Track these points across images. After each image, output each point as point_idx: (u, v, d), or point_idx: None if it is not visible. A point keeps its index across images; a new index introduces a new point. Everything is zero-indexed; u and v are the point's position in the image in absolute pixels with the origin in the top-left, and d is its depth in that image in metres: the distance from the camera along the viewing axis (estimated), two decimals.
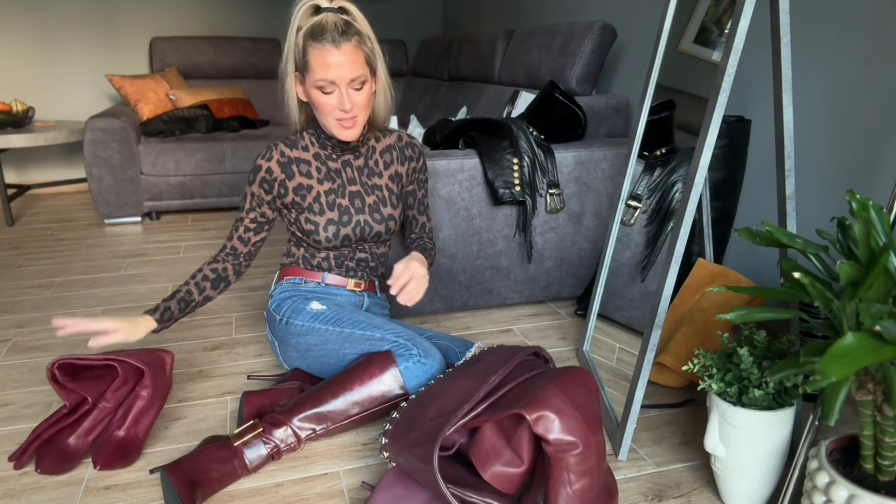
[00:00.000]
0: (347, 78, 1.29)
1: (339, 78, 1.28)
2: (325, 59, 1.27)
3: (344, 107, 1.31)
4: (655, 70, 1.50)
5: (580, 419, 0.99)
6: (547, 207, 1.91)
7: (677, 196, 1.35)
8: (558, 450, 0.97)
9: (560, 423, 0.97)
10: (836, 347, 0.70)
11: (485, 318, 1.98)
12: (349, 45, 1.27)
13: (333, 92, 1.31)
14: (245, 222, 1.46)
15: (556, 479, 0.98)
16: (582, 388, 1.04)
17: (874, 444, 0.88)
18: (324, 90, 1.30)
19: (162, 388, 1.32)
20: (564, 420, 0.97)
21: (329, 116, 1.34)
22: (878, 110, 1.52)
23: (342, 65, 1.27)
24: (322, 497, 1.17)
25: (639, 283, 1.47)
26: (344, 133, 1.36)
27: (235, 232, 1.47)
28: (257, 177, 1.41)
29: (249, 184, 1.43)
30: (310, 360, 1.45)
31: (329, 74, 1.27)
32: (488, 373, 1.14)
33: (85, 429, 1.28)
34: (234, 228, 1.48)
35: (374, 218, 1.48)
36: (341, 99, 1.30)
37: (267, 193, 1.42)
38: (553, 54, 2.47)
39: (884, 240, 0.82)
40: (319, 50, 1.27)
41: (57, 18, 3.67)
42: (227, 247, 1.48)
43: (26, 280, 2.33)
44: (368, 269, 1.55)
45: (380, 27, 4.35)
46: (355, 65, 1.29)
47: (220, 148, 3.22)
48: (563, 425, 0.97)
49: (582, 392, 1.04)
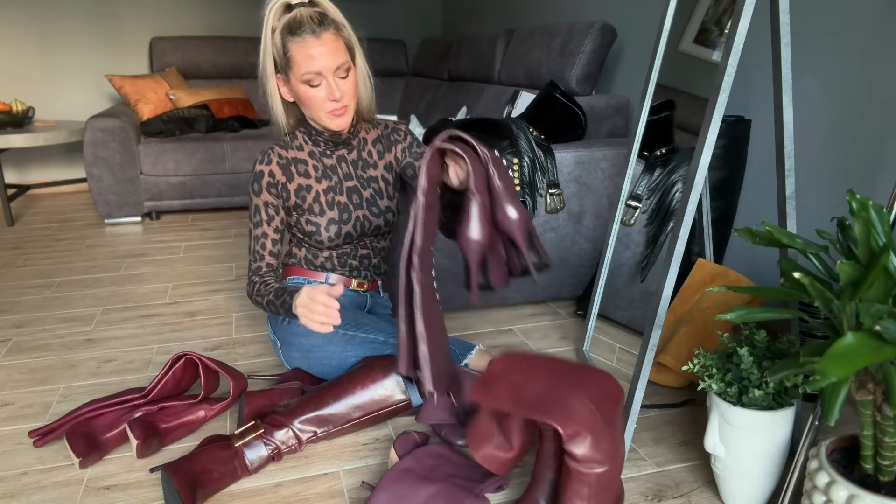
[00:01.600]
0: (333, 66, 1.29)
1: (324, 68, 1.28)
2: (308, 51, 1.27)
3: (334, 96, 1.31)
4: (655, 70, 1.50)
5: (610, 438, 0.96)
6: (547, 207, 1.91)
7: (677, 196, 1.35)
8: (584, 466, 0.95)
9: (592, 441, 0.94)
10: (836, 347, 0.70)
11: (485, 318, 1.98)
12: (328, 34, 1.28)
13: (321, 84, 1.31)
14: (270, 235, 1.40)
15: (574, 493, 0.96)
16: (612, 402, 1.01)
17: (874, 444, 0.88)
18: (311, 83, 1.30)
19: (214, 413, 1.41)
20: (596, 438, 0.95)
21: (320, 110, 1.34)
22: (878, 110, 1.52)
23: (325, 54, 1.28)
24: (322, 497, 1.17)
25: (639, 283, 1.47)
26: (336, 122, 1.35)
27: (262, 249, 1.40)
28: (263, 183, 1.39)
29: (256, 194, 1.39)
30: (312, 361, 1.45)
31: (314, 66, 1.28)
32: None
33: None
34: (260, 246, 1.39)
35: (372, 212, 1.48)
36: (330, 89, 1.31)
37: (276, 198, 1.41)
38: (553, 54, 2.47)
39: (884, 240, 0.82)
40: (300, 43, 1.27)
41: (57, 18, 3.67)
42: (261, 268, 1.40)
43: (26, 280, 2.33)
44: (371, 267, 1.55)
45: (380, 27, 4.35)
46: (338, 52, 1.29)
47: (220, 148, 3.22)
48: (594, 443, 0.94)
49: (612, 406, 1.00)
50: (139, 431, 1.25)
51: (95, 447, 1.26)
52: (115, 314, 2.02)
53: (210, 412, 1.37)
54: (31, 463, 1.27)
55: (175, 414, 1.34)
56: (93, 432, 1.29)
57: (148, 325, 1.93)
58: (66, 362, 1.70)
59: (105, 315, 2.01)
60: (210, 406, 1.37)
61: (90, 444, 1.26)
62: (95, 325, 1.93)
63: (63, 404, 1.49)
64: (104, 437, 1.29)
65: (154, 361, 1.70)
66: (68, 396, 1.52)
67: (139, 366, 1.67)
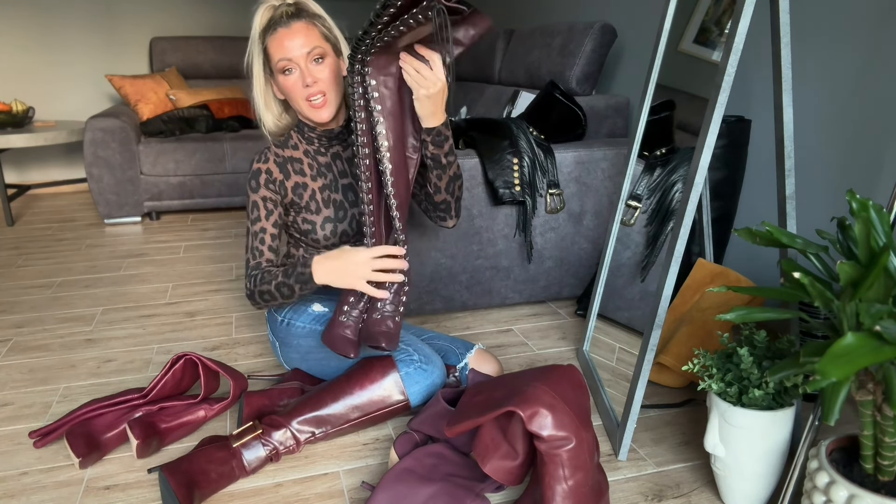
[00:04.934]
0: (303, 51, 1.30)
1: (295, 54, 1.30)
2: (280, 41, 1.30)
3: (306, 81, 1.31)
4: (655, 70, 1.50)
5: (571, 414, 1.00)
6: (547, 207, 1.91)
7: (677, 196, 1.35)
8: (552, 446, 0.97)
9: (553, 419, 0.97)
10: (836, 347, 0.70)
11: (485, 318, 1.98)
12: (299, 23, 1.31)
13: (294, 71, 1.32)
14: (269, 230, 1.38)
15: (552, 476, 0.98)
16: (568, 384, 1.06)
17: (874, 444, 0.88)
18: (285, 70, 1.32)
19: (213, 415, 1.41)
20: (556, 416, 0.98)
21: (298, 99, 1.34)
22: (878, 110, 1.52)
23: (295, 41, 1.30)
24: (322, 497, 1.17)
25: (639, 283, 1.47)
26: (317, 113, 1.35)
27: (262, 244, 1.37)
28: (260, 179, 1.39)
29: (254, 190, 1.39)
30: (310, 363, 1.45)
31: (285, 52, 1.30)
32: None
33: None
34: (259, 241, 1.37)
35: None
36: (303, 75, 1.31)
37: (275, 194, 1.41)
38: (553, 54, 2.47)
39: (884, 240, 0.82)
40: (273, 36, 1.31)
41: (57, 18, 3.67)
42: (261, 264, 1.37)
43: (26, 280, 2.33)
44: None
45: None
46: (309, 38, 1.31)
47: (220, 148, 3.22)
48: (556, 421, 0.97)
49: (568, 387, 1.05)
50: (139, 431, 1.25)
51: (95, 447, 1.26)
52: (115, 314, 2.02)
53: (210, 412, 1.37)
54: (31, 463, 1.27)
55: (175, 414, 1.34)
56: (93, 432, 1.29)
57: (148, 325, 1.93)
58: (66, 362, 1.70)
59: (105, 315, 2.01)
60: (210, 406, 1.37)
61: (90, 444, 1.26)
62: (95, 325, 1.93)
63: (63, 404, 1.49)
64: (104, 437, 1.29)
65: (154, 361, 1.70)
66: (68, 396, 1.52)
67: (139, 366, 1.67)
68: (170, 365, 1.39)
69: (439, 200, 1.39)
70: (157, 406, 1.36)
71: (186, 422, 1.34)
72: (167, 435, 1.31)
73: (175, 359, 1.39)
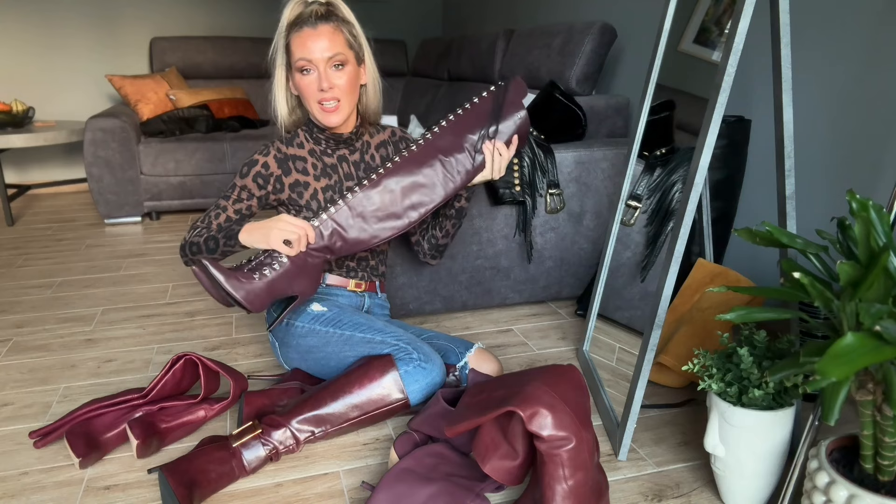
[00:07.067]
0: (325, 55, 1.30)
1: (315, 56, 1.30)
2: (304, 41, 1.31)
3: (322, 85, 1.32)
4: (655, 70, 1.50)
5: (571, 414, 1.00)
6: (547, 207, 1.91)
7: (677, 196, 1.35)
8: (552, 446, 0.97)
9: (553, 419, 0.97)
10: (836, 347, 0.70)
11: (485, 318, 1.98)
12: (327, 26, 1.31)
13: (312, 73, 1.32)
14: (228, 212, 1.40)
15: (551, 476, 0.98)
16: (568, 384, 1.06)
17: (874, 444, 0.88)
18: (303, 70, 1.32)
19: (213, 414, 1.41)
20: (556, 415, 0.98)
21: (311, 100, 1.35)
22: (878, 110, 1.52)
23: (318, 42, 1.30)
24: (322, 497, 1.17)
25: (639, 283, 1.47)
26: (328, 118, 1.36)
27: (215, 219, 1.39)
28: (252, 170, 1.40)
29: (242, 176, 1.40)
30: (310, 362, 1.45)
31: (306, 53, 1.30)
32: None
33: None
34: (214, 217, 1.39)
35: None
36: (320, 78, 1.32)
37: (260, 189, 1.41)
38: (553, 54, 2.47)
39: (884, 240, 0.82)
40: (298, 34, 1.31)
41: (57, 18, 3.67)
42: (199, 228, 1.38)
43: (26, 280, 2.33)
44: (369, 269, 1.55)
45: (380, 27, 4.35)
46: (333, 43, 1.31)
47: (220, 148, 3.22)
48: (556, 421, 0.97)
49: (569, 387, 1.05)
50: (139, 431, 1.25)
51: (95, 447, 1.26)
52: (115, 314, 2.02)
53: (210, 412, 1.37)
54: (31, 463, 1.27)
55: (175, 414, 1.34)
56: (93, 432, 1.29)
57: (148, 325, 1.93)
58: (66, 362, 1.70)
59: (105, 315, 2.01)
60: (210, 406, 1.37)
61: (90, 444, 1.26)
62: (95, 325, 1.93)
63: (63, 404, 1.49)
64: (104, 437, 1.29)
65: (154, 361, 1.70)
66: (68, 396, 1.52)
67: (139, 366, 1.67)
68: (170, 365, 1.39)
69: (443, 244, 1.57)
70: (157, 406, 1.36)
71: (186, 422, 1.34)
72: (167, 435, 1.31)
73: (175, 359, 1.39)
